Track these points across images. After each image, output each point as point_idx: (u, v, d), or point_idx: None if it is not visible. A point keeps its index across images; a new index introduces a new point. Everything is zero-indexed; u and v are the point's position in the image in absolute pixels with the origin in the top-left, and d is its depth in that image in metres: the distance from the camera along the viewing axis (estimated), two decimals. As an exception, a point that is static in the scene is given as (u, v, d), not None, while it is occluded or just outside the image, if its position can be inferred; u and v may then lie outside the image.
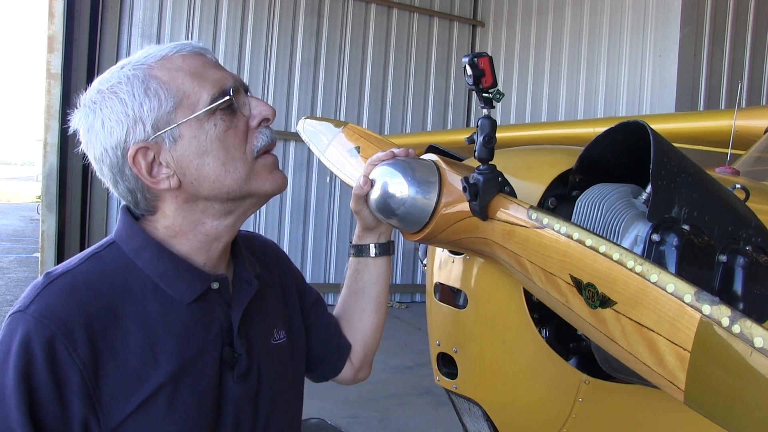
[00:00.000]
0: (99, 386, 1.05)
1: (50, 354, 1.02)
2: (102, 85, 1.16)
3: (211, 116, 1.15)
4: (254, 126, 1.22)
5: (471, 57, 1.13)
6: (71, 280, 1.11)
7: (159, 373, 1.10)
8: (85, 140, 1.18)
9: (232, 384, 1.21)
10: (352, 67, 10.19)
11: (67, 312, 1.06)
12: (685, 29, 7.75)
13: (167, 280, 1.16)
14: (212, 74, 1.18)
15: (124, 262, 1.17)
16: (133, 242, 1.18)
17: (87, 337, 1.05)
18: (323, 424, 3.13)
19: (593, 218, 1.22)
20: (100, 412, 1.05)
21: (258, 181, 1.21)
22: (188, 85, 1.15)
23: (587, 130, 5.18)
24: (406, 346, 7.42)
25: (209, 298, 1.21)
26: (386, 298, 1.59)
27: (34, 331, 1.03)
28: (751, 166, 2.50)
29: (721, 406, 0.80)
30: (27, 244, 15.92)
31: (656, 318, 0.85)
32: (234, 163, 1.17)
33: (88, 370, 1.04)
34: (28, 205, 30.06)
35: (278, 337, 1.36)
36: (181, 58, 1.17)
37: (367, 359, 1.60)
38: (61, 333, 1.03)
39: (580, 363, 1.37)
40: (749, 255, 1.12)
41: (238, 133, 1.18)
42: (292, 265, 1.56)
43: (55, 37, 7.91)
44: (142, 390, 1.09)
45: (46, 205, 8.11)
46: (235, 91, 1.18)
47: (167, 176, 1.16)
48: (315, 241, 10.05)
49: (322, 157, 1.96)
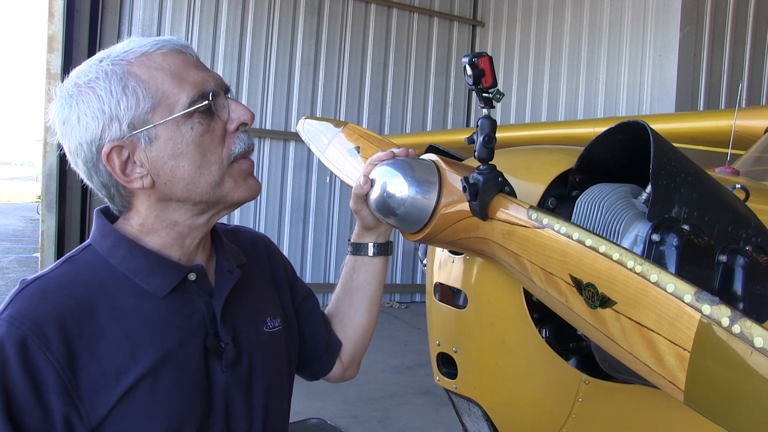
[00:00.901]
0: (77, 383, 1.06)
1: (24, 355, 1.03)
2: (79, 78, 1.15)
3: (189, 119, 1.14)
4: (232, 130, 1.20)
5: (471, 57, 1.13)
6: (44, 284, 1.12)
7: (139, 365, 1.11)
8: (61, 132, 1.18)
9: (221, 373, 1.21)
10: (352, 67, 10.19)
11: (38, 313, 1.06)
12: (685, 29, 7.76)
13: (141, 275, 1.16)
14: (193, 75, 1.16)
15: (99, 263, 1.17)
16: (106, 242, 1.19)
17: (61, 335, 1.06)
18: (323, 424, 3.13)
19: (593, 218, 1.22)
20: (82, 408, 1.06)
21: (230, 187, 1.20)
22: (167, 86, 1.13)
23: (587, 130, 5.19)
24: (406, 346, 7.42)
25: (187, 290, 1.20)
26: (380, 298, 1.59)
27: (6, 334, 1.04)
28: (751, 166, 2.50)
29: (721, 406, 0.81)
30: (27, 244, 15.93)
31: (656, 318, 0.85)
32: (209, 167, 1.17)
33: (64, 368, 1.05)
34: (28, 205, 30.07)
35: (272, 325, 1.35)
36: (162, 56, 1.15)
37: (356, 358, 1.61)
38: (33, 334, 1.04)
39: (580, 363, 1.37)
40: (749, 255, 1.12)
41: (215, 137, 1.17)
42: (283, 257, 1.55)
43: (54, 37, 7.91)
44: (122, 383, 1.09)
45: (45, 205, 8.12)
46: (214, 94, 1.16)
47: (141, 176, 1.15)
48: (315, 241, 10.05)
49: (322, 157, 1.96)
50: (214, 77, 1.19)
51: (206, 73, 1.19)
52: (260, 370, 1.28)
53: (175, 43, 1.19)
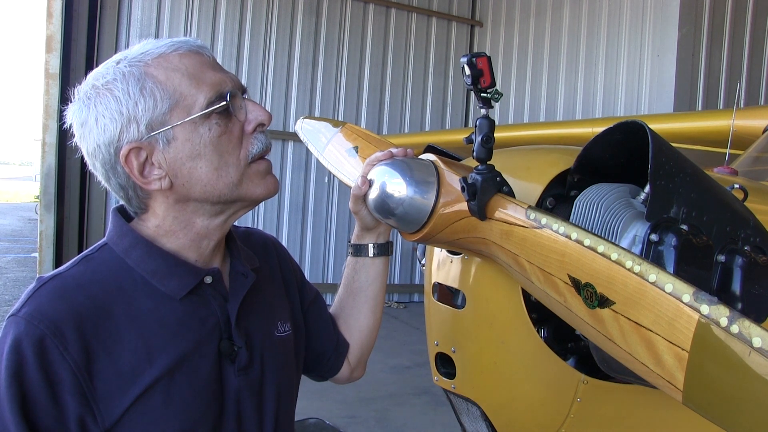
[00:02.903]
0: (93, 384, 1.05)
1: (41, 354, 1.03)
2: (97, 80, 1.14)
3: (207, 120, 1.13)
4: (249, 131, 1.20)
5: (469, 57, 1.13)
6: (62, 283, 1.12)
7: (154, 367, 1.10)
8: (79, 134, 1.17)
9: (233, 377, 1.21)
10: (350, 67, 10.19)
11: (57, 312, 1.06)
12: (683, 29, 7.76)
13: (158, 276, 1.16)
14: (210, 76, 1.16)
15: (116, 263, 1.17)
16: (123, 242, 1.18)
17: (78, 335, 1.05)
18: (321, 424, 3.13)
19: (591, 218, 1.22)
20: (96, 410, 1.05)
21: (249, 187, 1.20)
22: (185, 87, 1.13)
23: (585, 130, 5.19)
24: (404, 346, 7.42)
25: (203, 293, 1.20)
26: (383, 298, 1.59)
27: (24, 333, 1.03)
28: (749, 166, 2.50)
29: (719, 405, 0.80)
30: (25, 244, 15.91)
31: (654, 318, 0.84)
32: (227, 168, 1.16)
33: (80, 369, 1.04)
34: (26, 205, 30.03)
35: (282, 330, 1.35)
36: (179, 57, 1.15)
37: (363, 359, 1.61)
38: (51, 333, 1.04)
39: (578, 363, 1.37)
40: (747, 255, 1.12)
41: (232, 138, 1.17)
42: (292, 259, 1.55)
43: (53, 37, 7.90)
44: (138, 385, 1.09)
45: (44, 205, 8.11)
46: (232, 95, 1.16)
47: (159, 177, 1.15)
48: (313, 241, 10.05)
49: (321, 157, 1.96)
50: (231, 78, 1.19)
51: (223, 74, 1.18)
52: (271, 374, 1.28)
53: (192, 44, 1.18)
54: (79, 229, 8.37)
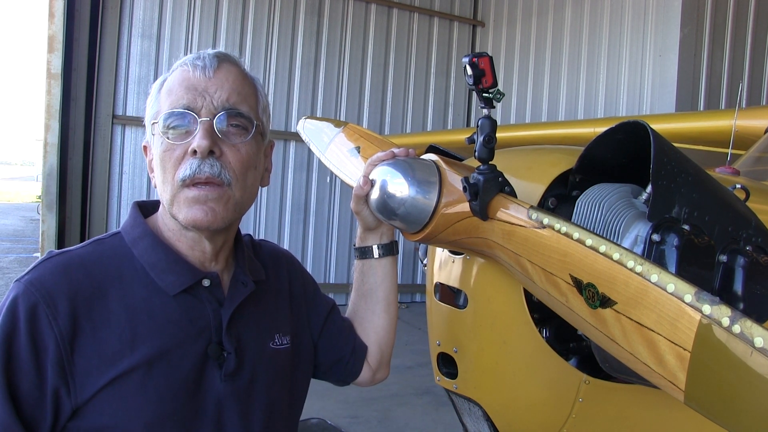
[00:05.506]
0: (73, 358, 1.09)
1: (32, 320, 1.07)
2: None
3: (163, 133, 1.19)
4: (179, 155, 1.18)
5: (471, 57, 1.14)
6: (68, 259, 1.17)
7: (134, 355, 1.13)
8: None
9: (218, 382, 1.21)
10: (352, 67, 10.19)
11: (55, 285, 1.11)
12: (685, 29, 7.76)
13: (158, 269, 1.20)
14: (179, 91, 1.19)
15: (123, 251, 1.22)
16: (133, 232, 1.25)
17: (69, 310, 1.10)
18: (323, 424, 3.13)
19: (593, 218, 1.22)
20: (72, 384, 1.09)
21: (179, 209, 1.19)
22: (163, 98, 1.21)
23: (587, 130, 5.18)
24: (406, 346, 7.42)
25: (198, 294, 1.23)
26: (395, 297, 1.59)
27: (21, 297, 1.09)
28: (751, 166, 2.50)
29: (721, 405, 0.81)
30: (27, 244, 15.92)
31: (656, 318, 0.85)
32: (166, 185, 1.20)
33: (64, 341, 1.08)
34: (28, 205, 30.05)
35: (280, 342, 1.36)
36: (180, 70, 1.22)
37: (384, 359, 1.60)
38: (45, 302, 1.08)
39: (580, 363, 1.37)
40: (749, 255, 1.12)
41: (172, 157, 1.18)
42: (304, 275, 1.55)
43: (55, 37, 7.92)
44: (115, 368, 1.11)
45: (46, 205, 8.12)
46: (177, 114, 1.17)
47: (152, 177, 1.25)
48: (315, 242, 10.05)
49: (323, 157, 1.96)
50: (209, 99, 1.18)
51: (198, 93, 1.18)
52: (262, 384, 1.28)
53: (194, 58, 1.23)
54: (81, 229, 8.38)
